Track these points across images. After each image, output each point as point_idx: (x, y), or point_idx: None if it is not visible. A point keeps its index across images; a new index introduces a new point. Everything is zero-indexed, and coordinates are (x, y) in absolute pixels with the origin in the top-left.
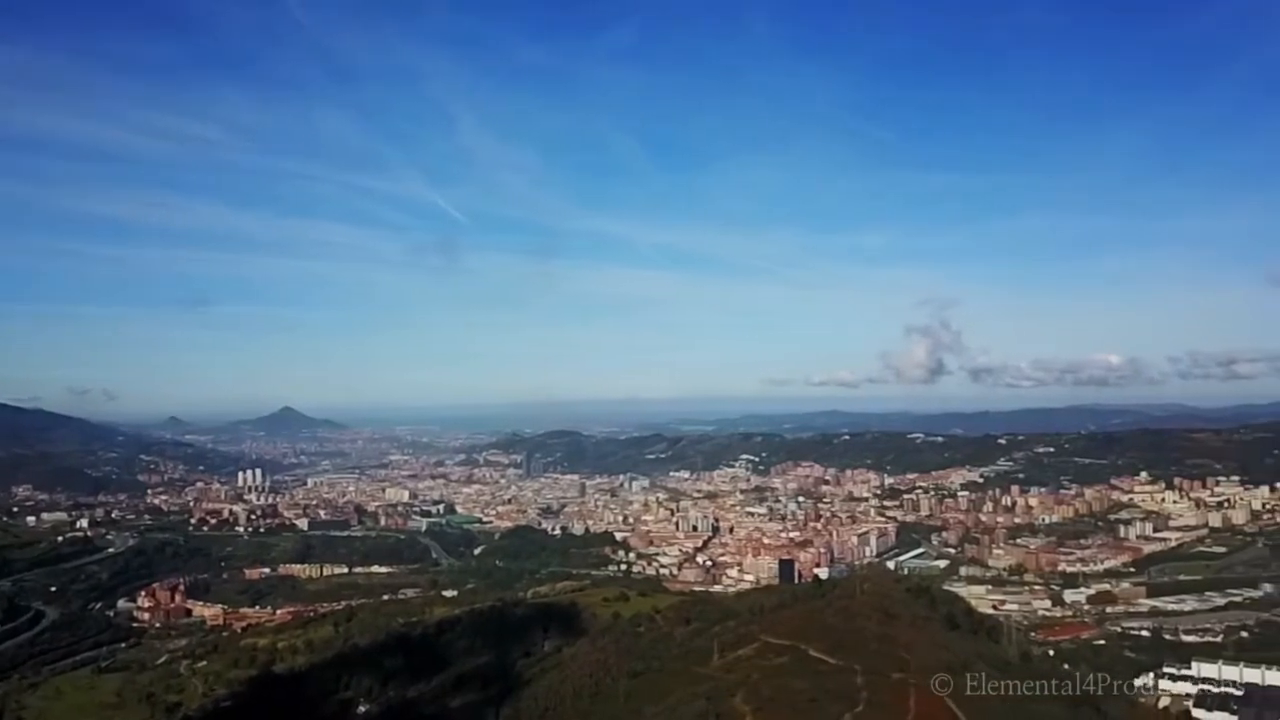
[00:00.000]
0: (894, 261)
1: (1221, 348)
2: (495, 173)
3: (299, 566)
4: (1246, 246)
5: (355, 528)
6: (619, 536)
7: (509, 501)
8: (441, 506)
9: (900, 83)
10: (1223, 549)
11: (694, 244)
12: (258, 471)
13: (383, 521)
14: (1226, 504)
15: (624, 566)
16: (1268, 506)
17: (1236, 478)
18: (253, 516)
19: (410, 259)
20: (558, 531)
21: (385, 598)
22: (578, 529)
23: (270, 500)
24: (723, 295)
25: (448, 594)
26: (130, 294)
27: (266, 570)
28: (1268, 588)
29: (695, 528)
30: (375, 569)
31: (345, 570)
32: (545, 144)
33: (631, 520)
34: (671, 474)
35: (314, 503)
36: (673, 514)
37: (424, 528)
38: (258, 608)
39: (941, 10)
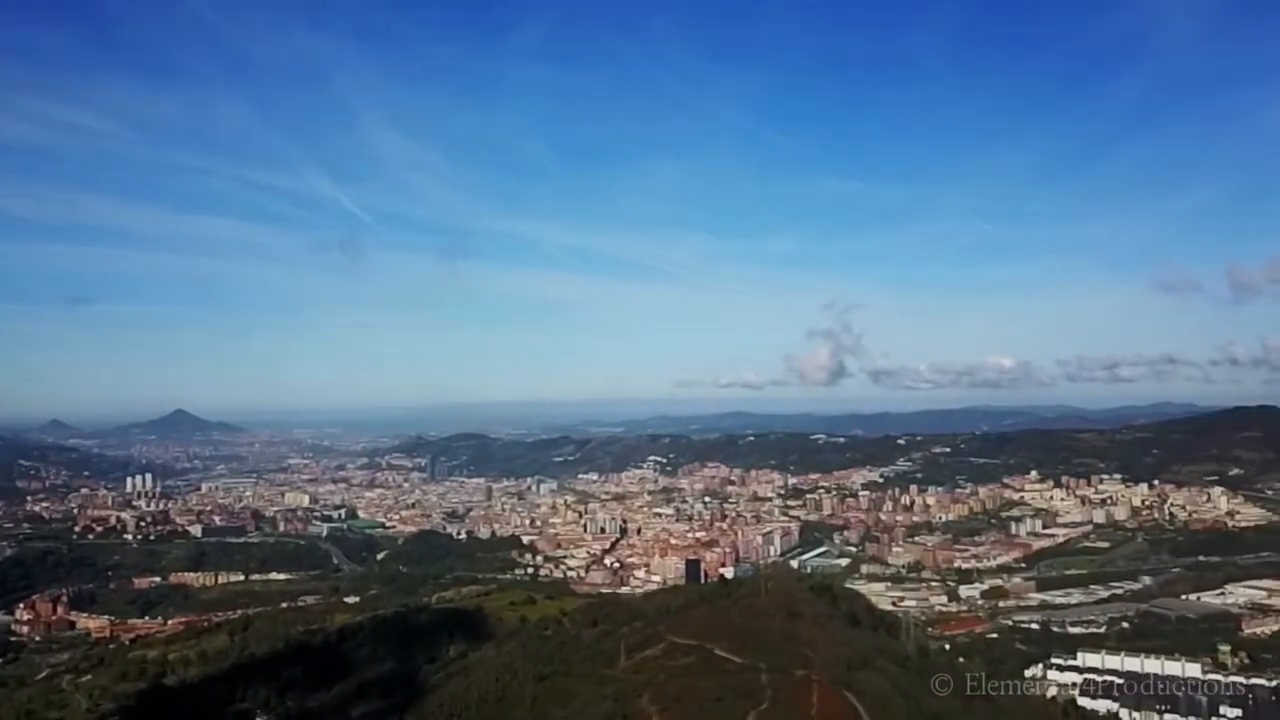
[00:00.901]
0: (799, 266)
1: (1106, 352)
2: (401, 171)
3: (192, 575)
4: (1130, 255)
5: (252, 534)
6: (526, 540)
7: (413, 505)
8: (343, 511)
9: (804, 92)
10: (1106, 544)
11: (603, 246)
12: (148, 476)
13: (281, 527)
14: (1109, 501)
15: (531, 570)
16: (1146, 503)
17: (1119, 476)
18: (142, 523)
19: (312, 257)
20: (463, 535)
21: (284, 605)
22: (484, 533)
23: (161, 506)
24: (631, 297)
25: (349, 600)
26: (7, 290)
27: (157, 579)
28: (1146, 580)
29: (603, 529)
30: (273, 576)
31: (241, 578)
32: (452, 143)
33: (539, 523)
34: (580, 476)
35: (208, 508)
36: (581, 516)
37: (325, 533)
38: (147, 618)
39: (844, 24)
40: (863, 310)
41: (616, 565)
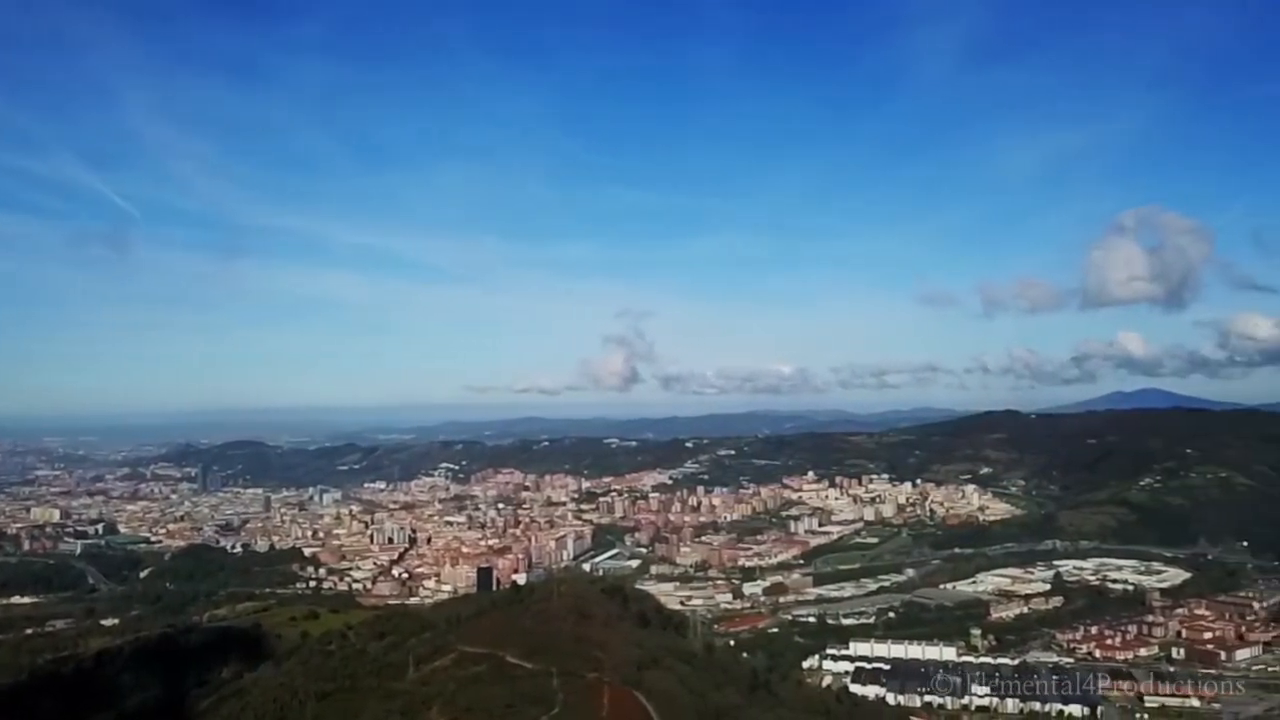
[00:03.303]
0: (593, 273)
1: (875, 360)
2: (169, 160)
3: None
4: (898, 270)
5: None
6: (308, 552)
7: (182, 519)
8: (101, 526)
9: (596, 99)
10: (875, 540)
11: (393, 247)
12: None
13: (26, 545)
14: (878, 499)
15: (314, 583)
16: (910, 501)
17: (886, 475)
18: None
19: (67, 250)
20: (239, 549)
21: (29, 631)
22: (261, 546)
23: None
24: (423, 300)
25: (107, 623)
26: None
27: None
28: (910, 572)
29: (391, 540)
30: (16, 600)
31: None
32: (227, 133)
33: (322, 535)
34: (366, 485)
35: None
36: (367, 526)
37: (79, 550)
38: None
39: (634, 34)
40: (654, 317)
41: (405, 576)
